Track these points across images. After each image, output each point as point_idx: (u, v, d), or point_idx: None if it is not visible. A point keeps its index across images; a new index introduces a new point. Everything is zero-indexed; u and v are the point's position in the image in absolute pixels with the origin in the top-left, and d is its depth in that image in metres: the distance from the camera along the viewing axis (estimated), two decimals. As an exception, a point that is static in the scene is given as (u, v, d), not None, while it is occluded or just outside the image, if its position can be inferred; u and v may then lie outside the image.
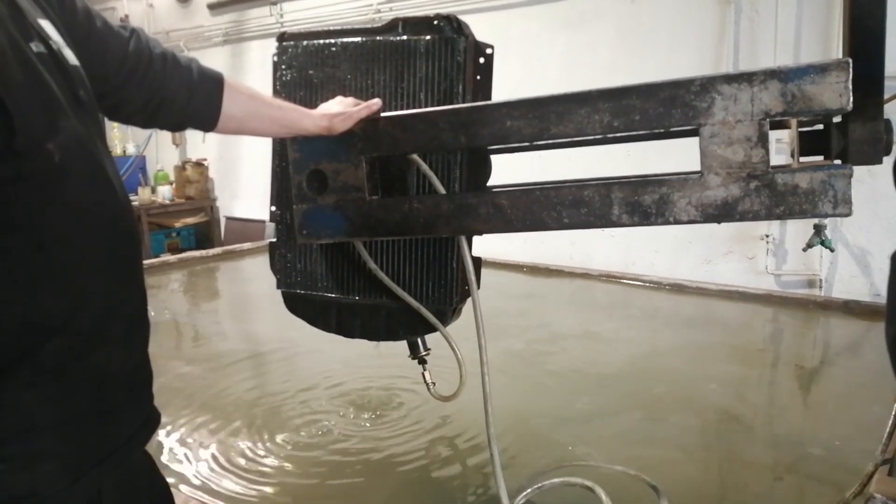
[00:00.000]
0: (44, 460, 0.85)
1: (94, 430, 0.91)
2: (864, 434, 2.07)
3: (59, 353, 0.86)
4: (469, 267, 1.51)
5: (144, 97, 1.14)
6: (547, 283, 4.26)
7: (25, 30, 0.87)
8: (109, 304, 0.94)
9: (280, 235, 1.73)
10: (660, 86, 1.19)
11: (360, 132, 1.43)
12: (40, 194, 0.84)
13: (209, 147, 6.86)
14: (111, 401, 0.94)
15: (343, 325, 1.72)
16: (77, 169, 0.89)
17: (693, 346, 3.13)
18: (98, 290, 0.92)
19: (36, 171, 0.83)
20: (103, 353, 0.92)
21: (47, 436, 0.85)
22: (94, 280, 0.91)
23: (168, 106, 1.18)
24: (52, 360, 0.85)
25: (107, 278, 0.94)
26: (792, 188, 1.15)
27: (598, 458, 2.07)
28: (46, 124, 0.85)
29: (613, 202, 1.26)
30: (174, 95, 1.17)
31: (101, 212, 0.93)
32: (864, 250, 3.84)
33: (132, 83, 1.11)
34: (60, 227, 0.87)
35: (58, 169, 0.85)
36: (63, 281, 0.87)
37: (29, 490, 0.84)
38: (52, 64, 0.90)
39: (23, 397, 0.83)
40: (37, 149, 0.83)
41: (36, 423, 0.84)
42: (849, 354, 3.11)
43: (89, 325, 0.90)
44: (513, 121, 1.31)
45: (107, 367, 0.93)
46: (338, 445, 2.24)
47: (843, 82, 1.09)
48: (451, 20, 1.50)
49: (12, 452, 0.83)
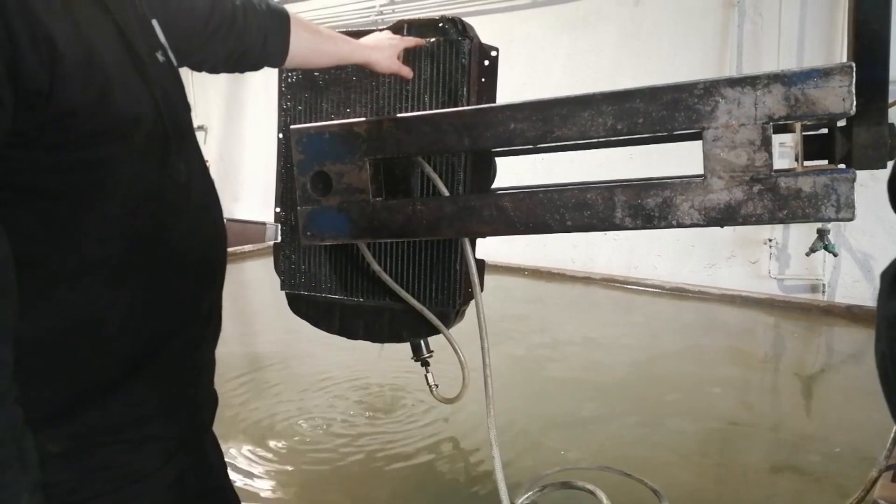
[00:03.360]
0: (149, 443, 0.94)
1: (183, 416, 1.00)
2: (865, 440, 2.07)
3: (174, 353, 0.96)
4: (472, 269, 1.51)
5: (229, 50, 1.18)
6: (549, 287, 4.26)
7: (150, 39, 0.93)
8: (210, 310, 1.04)
9: (285, 237, 1.73)
10: (663, 89, 1.19)
11: (364, 134, 1.44)
12: (171, 212, 0.92)
13: (210, 148, 6.87)
14: (194, 391, 1.04)
15: (346, 326, 1.72)
16: (196, 187, 0.98)
17: (695, 351, 3.12)
18: (204, 298, 1.02)
19: (168, 190, 0.91)
20: (201, 350, 1.04)
21: (154, 422, 0.95)
22: (204, 289, 1.02)
23: (248, 53, 1.22)
24: (168, 359, 0.95)
25: (211, 287, 1.04)
26: (795, 192, 1.15)
27: (599, 461, 2.07)
28: (178, 141, 0.93)
29: (616, 205, 1.26)
30: (253, 43, 1.21)
31: (213, 229, 1.03)
32: (867, 255, 3.83)
33: (217, 39, 1.15)
34: (186, 243, 0.96)
35: (184, 188, 0.94)
36: (183, 291, 0.96)
37: (135, 468, 0.93)
38: (171, 75, 0.96)
39: (144, 391, 0.93)
40: (175, 167, 0.92)
41: (151, 413, 0.94)
42: (851, 360, 3.11)
43: (197, 329, 1.01)
44: (516, 123, 1.31)
45: (200, 363, 1.05)
46: (339, 445, 2.24)
47: (846, 86, 1.09)
48: (456, 23, 1.50)
49: (128, 437, 0.92)
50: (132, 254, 0.88)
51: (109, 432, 0.90)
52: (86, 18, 0.81)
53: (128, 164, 0.84)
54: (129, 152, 0.84)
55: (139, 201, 0.87)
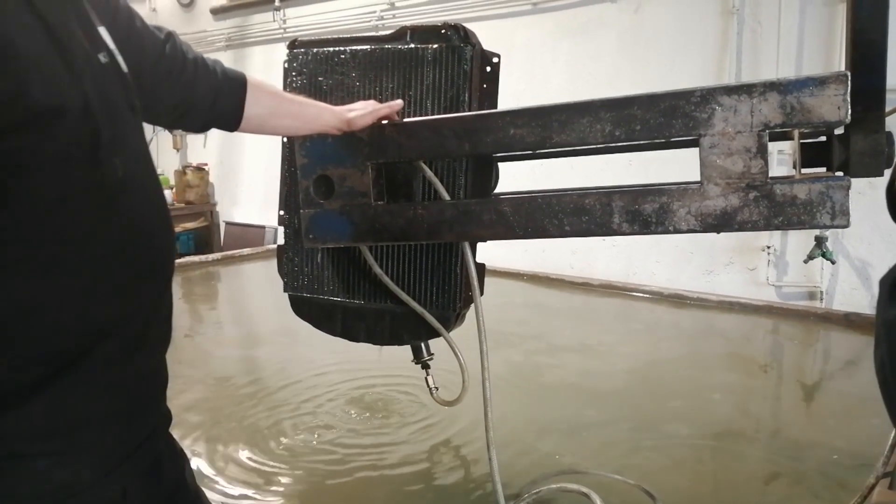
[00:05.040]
0: (84, 455, 0.89)
1: (126, 427, 0.95)
2: (862, 448, 2.08)
3: (109, 355, 0.90)
4: (472, 273, 1.53)
5: (175, 100, 1.17)
6: (547, 293, 4.27)
7: (94, 40, 0.91)
8: (152, 311, 0.99)
9: (288, 239, 1.74)
10: (661, 96, 1.21)
11: (366, 138, 1.45)
12: (104, 207, 0.88)
13: (210, 152, 6.87)
14: (141, 400, 0.98)
15: (348, 328, 1.73)
16: (136, 183, 0.94)
17: (693, 357, 3.13)
18: (145, 297, 0.97)
19: (104, 185, 0.87)
20: (143, 355, 0.97)
21: (89, 432, 0.89)
22: (143, 288, 0.96)
23: (196, 109, 1.20)
24: (102, 361, 0.89)
25: (151, 286, 0.99)
26: (790, 199, 1.16)
27: (596, 467, 2.08)
28: (114, 138, 0.88)
29: (614, 210, 1.27)
30: (202, 99, 1.20)
31: (152, 224, 0.98)
32: (864, 262, 3.84)
33: (165, 85, 1.13)
34: (119, 238, 0.91)
35: (120, 183, 0.90)
36: (119, 288, 0.92)
37: (67, 482, 0.87)
38: (115, 74, 0.93)
39: (73, 395, 0.87)
40: (107, 162, 0.87)
41: (81, 420, 0.88)
42: (849, 367, 3.12)
43: (136, 329, 0.95)
44: (516, 129, 1.32)
45: (143, 369, 0.98)
46: (338, 447, 2.25)
47: (841, 95, 1.10)
48: (459, 29, 1.52)
49: (58, 447, 0.86)
50: (59, 248, 0.85)
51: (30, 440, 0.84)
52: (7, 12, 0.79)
53: (49, 158, 0.81)
54: (50, 146, 0.81)
55: (65, 195, 0.84)
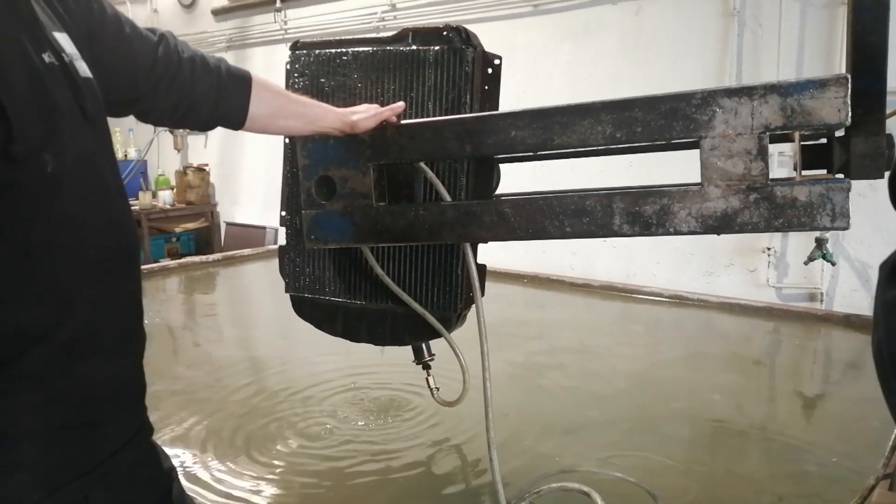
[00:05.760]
0: (20, 471, 0.84)
1: (78, 441, 0.90)
2: (862, 450, 2.08)
3: (41, 362, 0.85)
4: (473, 274, 1.53)
5: (174, 101, 1.16)
6: (548, 294, 4.27)
7: (39, 42, 0.88)
8: (96, 317, 0.93)
9: (290, 240, 1.75)
10: (661, 98, 1.22)
11: (368, 139, 1.46)
12: (31, 202, 0.84)
13: (210, 152, 6.87)
14: (97, 413, 0.93)
15: (349, 329, 1.74)
16: (72, 180, 0.89)
17: (693, 358, 3.13)
18: (84, 302, 0.91)
19: (29, 180, 0.83)
20: (90, 364, 0.91)
21: (25, 446, 0.84)
22: (81, 292, 0.91)
23: (197, 108, 1.20)
24: (33, 369, 0.84)
25: (95, 291, 0.93)
26: (790, 201, 1.17)
27: (597, 466, 2.08)
28: (45, 134, 0.85)
29: (615, 212, 1.28)
30: (203, 98, 1.19)
31: (93, 225, 0.93)
32: (865, 264, 3.85)
33: (161, 88, 1.13)
34: (48, 236, 0.86)
35: (50, 179, 0.85)
36: (48, 290, 0.87)
37: (2, 500, 0.83)
38: (63, 76, 0.90)
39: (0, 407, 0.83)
40: (33, 157, 0.83)
41: (12, 433, 0.83)
42: (849, 368, 3.12)
43: (73, 336, 0.89)
44: (517, 131, 1.33)
45: (93, 380, 0.92)
46: (337, 448, 2.25)
47: (841, 97, 1.11)
48: (460, 31, 1.52)
49: None
50: None
51: None
52: None
53: None
54: None
55: None
